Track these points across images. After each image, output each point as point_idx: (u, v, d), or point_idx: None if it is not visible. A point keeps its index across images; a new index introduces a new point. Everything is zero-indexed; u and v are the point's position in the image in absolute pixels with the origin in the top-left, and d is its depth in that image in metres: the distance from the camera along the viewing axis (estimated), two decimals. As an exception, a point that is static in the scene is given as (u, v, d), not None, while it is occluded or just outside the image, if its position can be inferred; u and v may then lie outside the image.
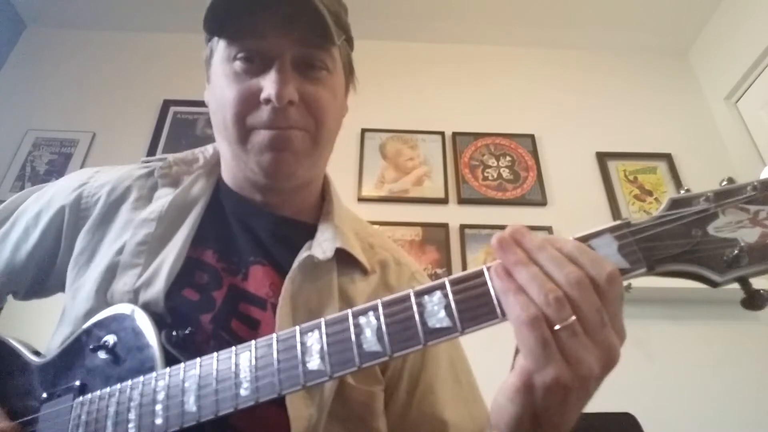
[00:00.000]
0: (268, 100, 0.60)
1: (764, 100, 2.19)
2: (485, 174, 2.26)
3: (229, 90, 0.62)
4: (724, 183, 0.42)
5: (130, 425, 0.48)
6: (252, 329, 0.60)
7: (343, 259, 0.67)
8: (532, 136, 2.35)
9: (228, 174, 0.72)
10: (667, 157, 2.30)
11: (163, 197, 0.69)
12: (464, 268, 2.00)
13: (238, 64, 0.62)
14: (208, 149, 0.76)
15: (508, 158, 2.30)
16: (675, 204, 0.42)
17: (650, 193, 2.22)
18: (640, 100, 2.47)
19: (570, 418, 0.40)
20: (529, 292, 0.38)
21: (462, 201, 2.17)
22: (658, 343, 1.84)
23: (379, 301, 0.43)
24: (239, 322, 0.60)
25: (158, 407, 0.47)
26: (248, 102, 0.62)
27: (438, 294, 0.42)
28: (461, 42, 2.62)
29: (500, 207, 2.17)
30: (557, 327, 0.37)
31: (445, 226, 2.08)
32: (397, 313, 0.42)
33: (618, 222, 0.42)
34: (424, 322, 0.41)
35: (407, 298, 0.43)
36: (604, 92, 2.50)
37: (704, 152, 2.32)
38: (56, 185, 0.74)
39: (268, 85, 0.60)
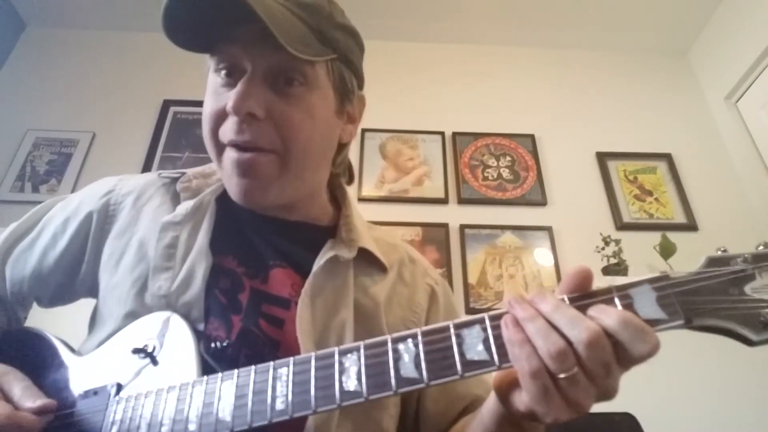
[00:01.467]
0: (230, 113, 0.59)
1: (764, 100, 2.19)
2: (485, 174, 2.26)
3: (208, 104, 0.63)
4: (761, 247, 0.44)
5: (164, 428, 0.48)
6: (277, 328, 0.61)
7: (362, 258, 0.69)
8: (532, 136, 2.35)
9: None
10: (667, 157, 2.30)
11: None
12: (464, 268, 2.00)
13: (219, 79, 0.62)
14: None
15: (508, 158, 2.30)
16: (712, 262, 0.44)
17: (650, 193, 2.22)
18: (640, 100, 2.48)
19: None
20: (535, 344, 0.40)
21: (462, 201, 2.18)
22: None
23: (418, 330, 0.45)
24: (265, 322, 0.62)
25: (192, 414, 0.48)
26: (219, 116, 0.61)
27: (477, 328, 0.44)
28: (461, 42, 2.62)
29: (500, 207, 2.17)
30: (561, 376, 0.39)
31: (445, 226, 2.08)
32: (436, 342, 0.44)
33: (657, 274, 0.44)
34: (462, 353, 0.43)
35: (446, 329, 0.44)
36: (604, 92, 2.50)
37: (704, 152, 2.32)
38: (82, 194, 0.76)
39: (231, 96, 0.58)
